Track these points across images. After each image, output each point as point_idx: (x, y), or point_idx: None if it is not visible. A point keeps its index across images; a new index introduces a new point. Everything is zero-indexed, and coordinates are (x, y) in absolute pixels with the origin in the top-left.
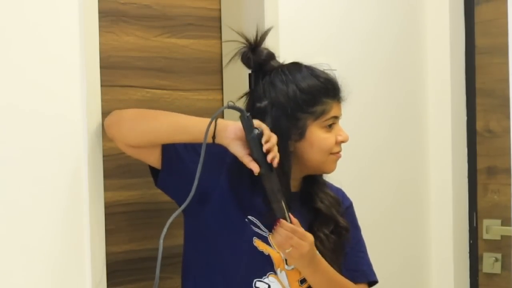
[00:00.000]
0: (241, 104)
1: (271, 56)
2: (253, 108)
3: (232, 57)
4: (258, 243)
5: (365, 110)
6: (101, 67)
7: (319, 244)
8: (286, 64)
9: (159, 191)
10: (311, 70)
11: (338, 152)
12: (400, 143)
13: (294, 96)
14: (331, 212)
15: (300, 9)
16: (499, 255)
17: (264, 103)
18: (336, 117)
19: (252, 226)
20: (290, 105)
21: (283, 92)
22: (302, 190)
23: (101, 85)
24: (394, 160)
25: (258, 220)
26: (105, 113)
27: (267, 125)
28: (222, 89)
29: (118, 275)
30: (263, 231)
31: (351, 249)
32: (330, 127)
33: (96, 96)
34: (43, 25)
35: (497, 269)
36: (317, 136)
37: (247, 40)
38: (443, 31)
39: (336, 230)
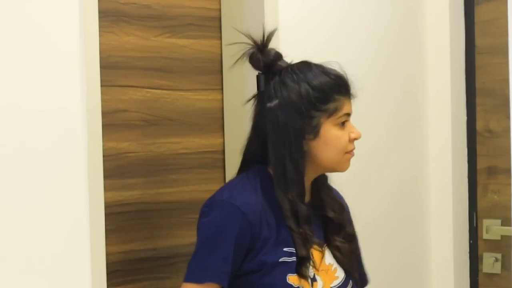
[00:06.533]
0: (249, 106)
1: (279, 56)
2: (263, 109)
3: (239, 59)
4: (292, 279)
5: (365, 110)
6: (101, 67)
7: (338, 253)
8: (295, 64)
9: (159, 191)
10: (321, 68)
11: (352, 150)
12: (400, 143)
13: (307, 94)
14: (341, 220)
15: (300, 9)
16: (499, 255)
17: (275, 102)
18: (348, 114)
19: (286, 258)
20: (303, 104)
21: (295, 91)
22: (313, 197)
23: (101, 85)
24: (394, 160)
25: (291, 246)
26: (105, 113)
27: (279, 125)
28: (222, 89)
29: (118, 275)
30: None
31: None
32: (343, 124)
33: (96, 96)
34: (43, 25)
35: (497, 269)
36: (331, 134)
37: (254, 41)
38: (443, 31)
39: (346, 237)
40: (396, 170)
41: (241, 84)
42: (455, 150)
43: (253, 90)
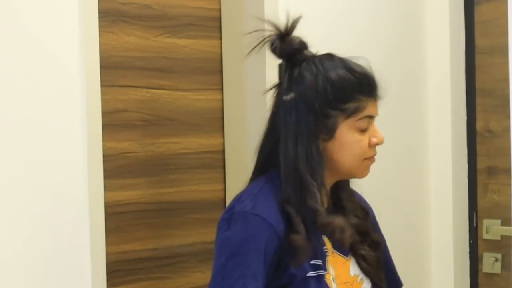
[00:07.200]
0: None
1: (304, 45)
2: (280, 101)
3: (256, 45)
4: None
5: None
6: (101, 67)
7: (363, 262)
8: (319, 55)
9: (159, 191)
10: (345, 63)
11: (372, 156)
12: (400, 143)
13: (324, 91)
14: (365, 226)
15: (300, 9)
16: (499, 255)
17: (291, 95)
18: (371, 117)
19: (311, 273)
20: (318, 100)
21: (311, 86)
22: (334, 203)
23: (101, 85)
24: (394, 160)
25: (317, 258)
26: (105, 113)
27: (292, 121)
28: (222, 89)
29: (118, 275)
30: (322, 269)
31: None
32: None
33: (96, 96)
34: (43, 25)
35: (497, 269)
36: (348, 137)
37: (276, 27)
38: (443, 31)
39: (371, 244)
40: (396, 170)
41: (241, 84)
42: (455, 150)
43: (253, 90)
